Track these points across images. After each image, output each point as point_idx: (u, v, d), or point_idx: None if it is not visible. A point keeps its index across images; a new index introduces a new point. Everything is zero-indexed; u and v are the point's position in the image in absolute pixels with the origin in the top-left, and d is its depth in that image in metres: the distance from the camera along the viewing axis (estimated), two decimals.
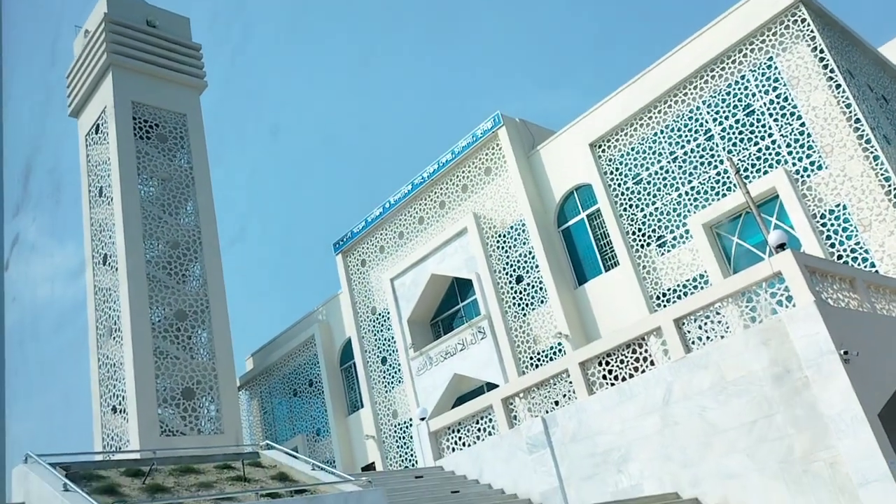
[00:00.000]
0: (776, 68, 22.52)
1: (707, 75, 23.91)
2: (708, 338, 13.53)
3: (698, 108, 24.11)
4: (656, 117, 25.07)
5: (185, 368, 31.45)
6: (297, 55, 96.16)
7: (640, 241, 25.10)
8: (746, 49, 23.11)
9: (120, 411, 30.85)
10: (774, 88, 22.54)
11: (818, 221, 21.32)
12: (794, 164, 21.93)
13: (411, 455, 30.65)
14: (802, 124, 21.87)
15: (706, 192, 23.68)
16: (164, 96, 36.43)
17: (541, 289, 27.24)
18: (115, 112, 34.35)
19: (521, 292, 27.90)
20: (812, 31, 21.78)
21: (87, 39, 37.21)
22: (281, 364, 38.87)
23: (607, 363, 15.10)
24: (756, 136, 22.78)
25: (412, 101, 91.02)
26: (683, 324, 13.85)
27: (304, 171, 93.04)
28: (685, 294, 23.36)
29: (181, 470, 13.02)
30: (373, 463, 32.54)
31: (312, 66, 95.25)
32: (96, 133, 36.04)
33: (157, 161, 34.93)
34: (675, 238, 24.32)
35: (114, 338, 32.08)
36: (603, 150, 26.46)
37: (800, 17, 22.04)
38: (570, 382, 15.55)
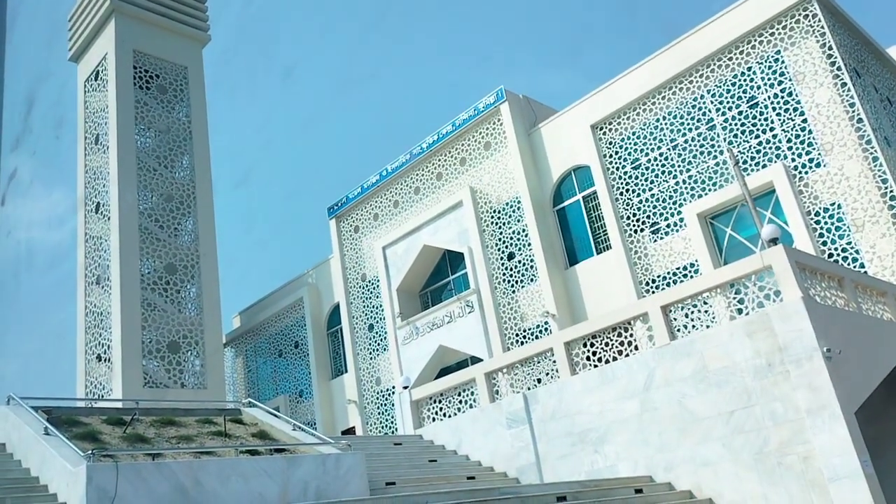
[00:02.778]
0: (783, 62, 22.42)
1: (714, 64, 23.79)
2: (694, 326, 13.62)
3: (702, 97, 24.02)
4: (660, 103, 24.97)
5: (172, 322, 31.48)
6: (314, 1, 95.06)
7: (633, 226, 25.12)
8: (755, 41, 22.97)
9: (105, 360, 30.92)
10: (780, 82, 22.46)
11: (812, 218, 21.38)
12: (793, 160, 21.93)
13: (391, 422, 30.90)
14: (804, 120, 21.84)
15: (703, 182, 23.68)
16: (166, 47, 35.99)
17: (531, 267, 27.30)
18: (116, 60, 33.95)
19: (511, 269, 27.96)
20: (822, 27, 21.64)
21: None
22: (268, 324, 38.96)
23: (592, 345, 15.20)
24: (757, 129, 22.74)
25: (422, 59, 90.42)
26: (670, 311, 13.92)
27: (315, 115, 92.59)
28: (675, 282, 23.46)
29: (162, 422, 13.11)
30: (353, 427, 32.80)
31: (329, 10, 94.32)
32: (96, 80, 35.65)
33: (155, 112, 34.62)
34: (668, 225, 24.36)
35: (102, 286, 32.04)
36: (604, 133, 26.38)
37: (811, 11, 21.89)
38: (554, 361, 15.66)
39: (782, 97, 22.35)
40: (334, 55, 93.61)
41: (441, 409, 18.17)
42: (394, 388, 30.50)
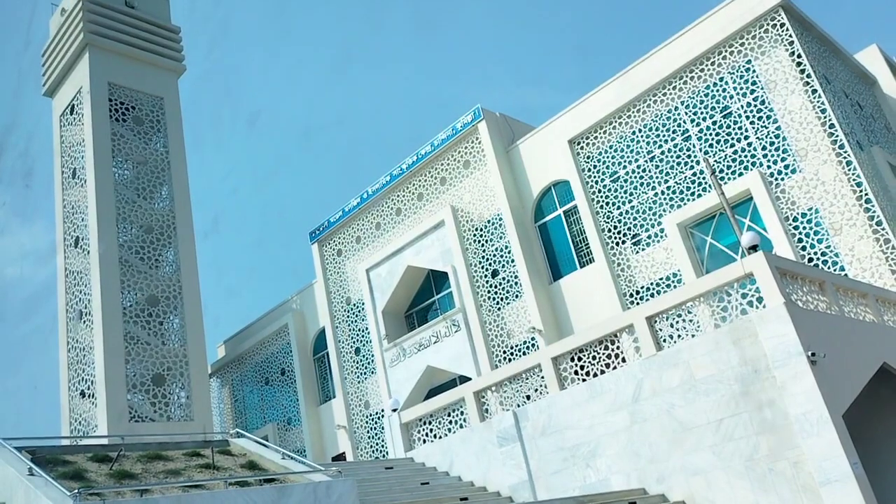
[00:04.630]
0: (754, 71, 22.75)
1: (686, 76, 24.09)
2: (679, 336, 13.67)
3: (676, 109, 24.29)
4: (635, 116, 25.22)
5: (156, 354, 31.15)
6: (278, 44, 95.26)
7: (615, 238, 25.26)
8: (726, 52, 23.31)
9: (89, 396, 30.50)
10: (752, 91, 22.78)
11: (790, 224, 21.61)
12: (768, 167, 22.19)
13: (382, 446, 30.68)
14: (778, 128, 22.13)
15: (682, 192, 23.89)
16: (141, 78, 35.92)
17: (516, 283, 27.33)
18: (91, 93, 33.82)
19: (496, 286, 27.98)
20: (790, 36, 22.01)
21: (63, 18, 36.56)
22: (253, 352, 38.64)
23: (579, 359, 15.21)
24: (732, 138, 23.01)
25: (392, 94, 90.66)
26: (655, 322, 13.97)
27: (282, 162, 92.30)
28: (658, 292, 23.57)
29: (149, 457, 12.91)
30: (343, 453, 32.51)
31: (293, 56, 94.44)
32: (71, 114, 35.48)
33: (132, 144, 34.47)
34: (649, 237, 24.52)
35: (84, 322, 31.68)
36: (581, 147, 26.58)
37: (779, 21, 22.27)
38: (542, 377, 15.64)
39: (755, 105, 22.65)
40: (304, 90, 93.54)
41: (431, 430, 18.07)
42: (383, 411, 30.30)
